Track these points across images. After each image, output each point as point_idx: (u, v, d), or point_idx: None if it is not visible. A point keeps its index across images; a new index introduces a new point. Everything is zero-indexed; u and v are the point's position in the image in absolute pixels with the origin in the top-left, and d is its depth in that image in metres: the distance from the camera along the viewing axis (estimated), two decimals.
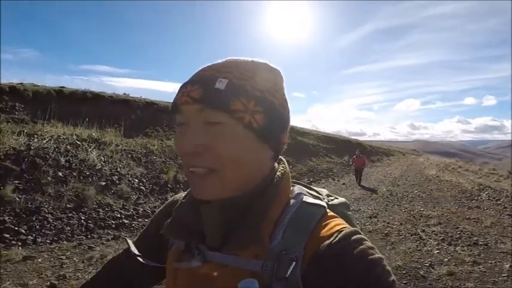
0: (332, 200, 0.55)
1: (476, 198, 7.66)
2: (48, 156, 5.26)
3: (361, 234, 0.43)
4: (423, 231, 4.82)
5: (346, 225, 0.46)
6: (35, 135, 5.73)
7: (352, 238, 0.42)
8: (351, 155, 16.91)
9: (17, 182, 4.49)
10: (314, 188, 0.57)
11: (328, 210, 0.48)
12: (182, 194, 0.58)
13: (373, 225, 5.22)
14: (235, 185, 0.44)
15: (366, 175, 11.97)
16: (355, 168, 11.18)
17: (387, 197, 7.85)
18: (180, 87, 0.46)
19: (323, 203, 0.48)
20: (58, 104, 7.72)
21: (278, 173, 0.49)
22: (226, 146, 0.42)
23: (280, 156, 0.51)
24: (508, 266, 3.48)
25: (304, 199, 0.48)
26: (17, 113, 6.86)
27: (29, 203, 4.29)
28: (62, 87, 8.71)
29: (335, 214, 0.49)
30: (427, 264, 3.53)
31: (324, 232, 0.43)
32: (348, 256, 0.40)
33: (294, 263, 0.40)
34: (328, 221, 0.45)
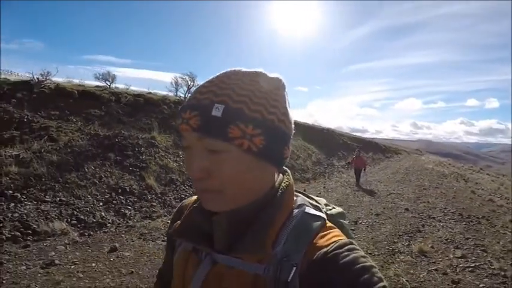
0: (330, 209, 0.59)
1: (447, 176, 16.18)
2: None
3: (354, 244, 0.47)
4: (422, 181, 13.70)
5: (343, 236, 0.50)
6: None
7: (346, 247, 0.45)
8: (374, 152, 24.14)
9: None
10: (313, 197, 0.60)
11: (327, 221, 0.52)
12: (191, 198, 0.63)
13: (404, 178, 14.18)
14: (238, 201, 0.48)
15: (389, 165, 20.11)
16: (354, 168, 10.83)
17: (405, 173, 16.52)
18: (180, 111, 0.48)
19: (323, 215, 0.52)
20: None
21: (283, 184, 0.52)
22: (227, 171, 0.45)
23: (284, 168, 0.55)
24: (454, 184, 12.35)
25: (306, 210, 0.51)
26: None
27: None
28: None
29: (333, 225, 0.53)
30: (425, 184, 12.50)
31: (322, 242, 0.47)
32: (339, 263, 0.43)
33: (295, 268, 0.44)
34: (326, 232, 0.49)
